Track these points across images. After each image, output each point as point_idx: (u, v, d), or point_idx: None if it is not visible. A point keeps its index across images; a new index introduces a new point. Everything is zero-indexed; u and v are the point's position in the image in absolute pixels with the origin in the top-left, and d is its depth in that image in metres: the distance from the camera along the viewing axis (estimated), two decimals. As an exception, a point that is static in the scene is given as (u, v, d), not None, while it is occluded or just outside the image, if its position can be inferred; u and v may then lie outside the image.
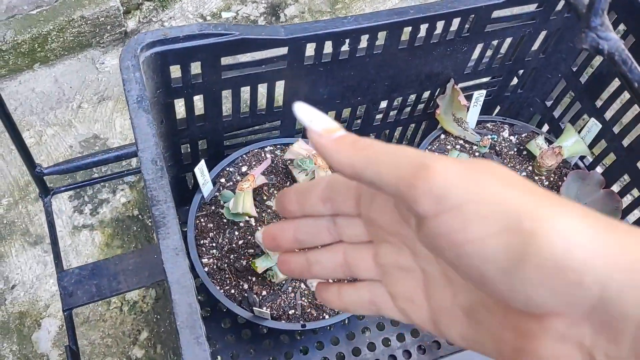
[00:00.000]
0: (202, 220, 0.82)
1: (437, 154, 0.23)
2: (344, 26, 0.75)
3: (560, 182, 0.94)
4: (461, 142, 0.96)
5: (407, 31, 0.80)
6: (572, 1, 0.50)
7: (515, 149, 0.97)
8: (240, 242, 0.81)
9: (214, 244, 0.80)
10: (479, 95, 0.95)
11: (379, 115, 0.98)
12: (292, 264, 0.31)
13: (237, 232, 0.81)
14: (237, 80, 0.77)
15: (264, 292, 0.77)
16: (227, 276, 0.78)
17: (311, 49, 0.76)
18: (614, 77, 0.90)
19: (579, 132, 0.93)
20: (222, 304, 0.75)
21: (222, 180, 0.86)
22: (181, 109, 0.78)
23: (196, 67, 0.73)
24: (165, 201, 0.55)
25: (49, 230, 0.83)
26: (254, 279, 0.78)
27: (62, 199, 1.16)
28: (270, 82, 0.80)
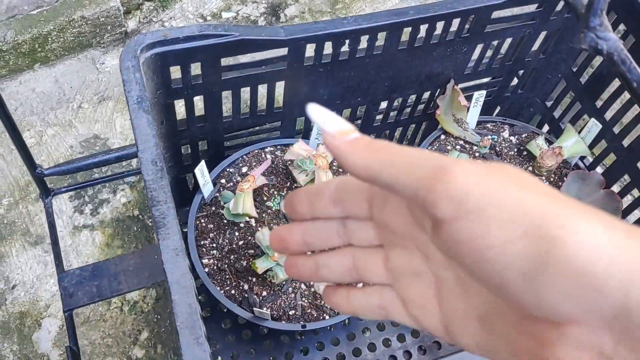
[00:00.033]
0: (202, 221, 0.82)
1: (455, 158, 0.22)
2: (344, 27, 0.75)
3: (560, 183, 0.94)
4: (461, 142, 0.96)
5: (407, 32, 0.80)
6: (571, 1, 0.50)
7: (515, 150, 0.97)
8: (240, 242, 0.81)
9: (214, 245, 0.80)
10: (479, 95, 0.95)
11: (379, 115, 0.98)
12: (300, 267, 0.31)
13: (237, 233, 0.81)
14: (237, 81, 0.77)
15: (264, 293, 0.77)
16: (228, 277, 0.78)
17: (311, 50, 0.76)
18: (614, 78, 0.90)
19: (579, 132, 0.93)
20: (222, 305, 0.75)
21: (223, 181, 0.86)
22: (181, 110, 0.78)
23: (196, 68, 0.73)
24: (165, 202, 0.55)
25: (50, 230, 0.83)
26: (254, 279, 0.78)
27: (62, 199, 1.16)
28: (270, 82, 0.80)
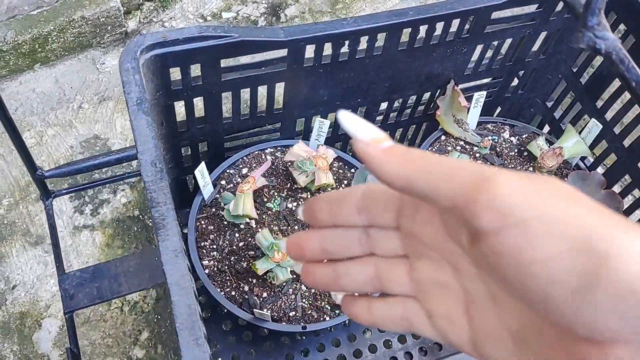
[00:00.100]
0: (202, 222, 0.82)
1: (496, 167, 0.22)
2: (343, 28, 0.75)
3: (560, 183, 0.93)
4: (462, 143, 0.96)
5: (407, 32, 0.80)
6: (569, 1, 0.50)
7: (515, 150, 0.97)
8: (240, 244, 0.81)
9: (215, 246, 0.80)
10: (480, 96, 0.95)
11: (379, 116, 0.98)
12: (318, 275, 0.30)
13: (237, 234, 0.81)
14: (237, 82, 0.77)
15: (265, 294, 0.77)
16: (228, 278, 0.78)
17: (311, 51, 0.76)
18: (614, 78, 0.90)
19: (580, 132, 0.93)
20: (222, 306, 0.75)
21: (223, 182, 0.86)
22: (181, 111, 0.78)
23: (196, 69, 0.73)
24: (164, 203, 0.55)
25: (50, 232, 0.83)
26: (254, 280, 0.78)
27: (62, 200, 1.16)
28: (270, 83, 0.80)
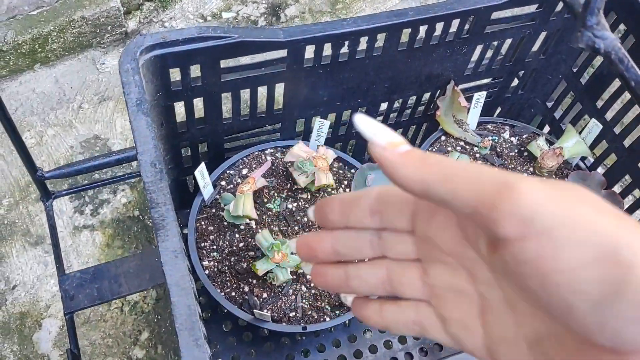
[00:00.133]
0: (202, 223, 0.82)
1: (517, 173, 0.21)
2: (343, 28, 0.75)
3: (560, 183, 0.93)
4: (462, 143, 0.96)
5: (407, 33, 0.80)
6: (568, 0, 0.50)
7: (516, 150, 0.97)
8: (240, 244, 0.81)
9: (215, 247, 0.80)
10: (480, 96, 0.95)
11: (380, 117, 0.98)
12: (329, 277, 0.29)
13: (237, 235, 0.81)
14: (236, 82, 0.77)
15: (265, 295, 0.77)
16: (228, 279, 0.78)
17: (310, 51, 0.76)
18: (614, 78, 0.90)
19: (580, 133, 0.93)
20: (222, 307, 0.75)
21: (223, 182, 0.86)
22: (181, 112, 0.78)
23: (196, 69, 0.73)
24: (164, 204, 0.55)
25: (50, 232, 0.83)
26: (254, 281, 0.78)
27: (62, 200, 1.16)
28: (269, 84, 0.80)
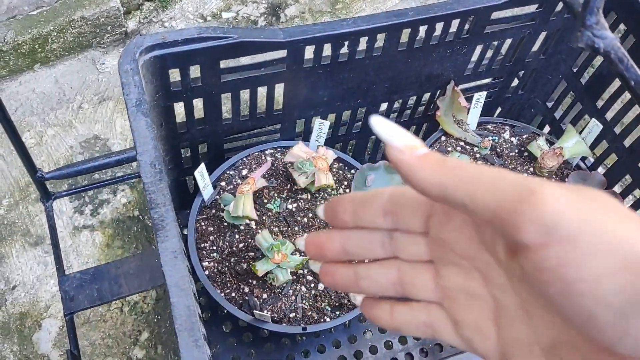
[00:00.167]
0: (202, 223, 0.82)
1: (538, 178, 0.21)
2: (343, 28, 0.75)
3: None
4: (462, 143, 0.96)
5: (407, 33, 0.79)
6: (567, 0, 0.50)
7: (516, 150, 0.97)
8: (240, 245, 0.81)
9: (215, 248, 0.80)
10: (480, 96, 0.95)
11: (379, 116, 0.98)
12: (338, 276, 0.29)
13: (237, 236, 0.81)
14: (236, 83, 0.77)
15: (265, 295, 0.77)
16: (228, 279, 0.78)
17: (310, 52, 0.76)
18: (614, 78, 0.90)
19: (580, 133, 0.93)
20: (222, 307, 0.75)
21: (223, 183, 0.86)
22: (181, 112, 0.78)
23: (195, 70, 0.73)
24: (164, 204, 0.55)
25: (51, 233, 0.83)
26: (254, 282, 0.78)
27: (62, 200, 1.16)
28: (269, 84, 0.80)
